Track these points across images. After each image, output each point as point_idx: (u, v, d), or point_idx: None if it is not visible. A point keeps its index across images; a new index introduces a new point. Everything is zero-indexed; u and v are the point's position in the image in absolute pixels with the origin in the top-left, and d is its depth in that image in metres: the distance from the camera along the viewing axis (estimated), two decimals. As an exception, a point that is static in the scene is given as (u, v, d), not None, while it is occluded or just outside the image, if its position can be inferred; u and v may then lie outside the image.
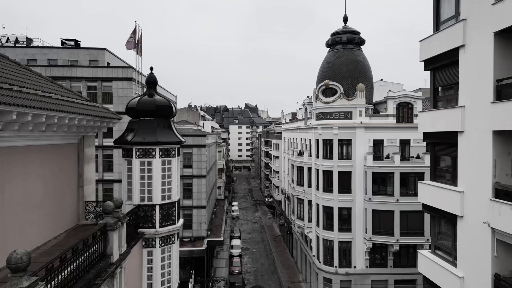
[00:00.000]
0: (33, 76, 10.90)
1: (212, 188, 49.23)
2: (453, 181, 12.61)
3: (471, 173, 11.46)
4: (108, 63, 37.93)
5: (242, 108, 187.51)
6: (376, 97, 42.60)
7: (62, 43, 56.43)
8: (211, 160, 47.23)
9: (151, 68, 12.64)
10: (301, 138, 45.43)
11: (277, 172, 65.92)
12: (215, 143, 57.02)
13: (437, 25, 14.03)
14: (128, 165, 11.51)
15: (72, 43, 57.25)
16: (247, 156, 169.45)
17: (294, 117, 78.97)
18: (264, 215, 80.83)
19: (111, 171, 33.82)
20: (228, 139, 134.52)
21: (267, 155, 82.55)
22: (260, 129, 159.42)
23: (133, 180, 11.30)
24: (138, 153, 11.26)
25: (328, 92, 36.05)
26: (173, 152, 11.77)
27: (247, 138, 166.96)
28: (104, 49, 38.48)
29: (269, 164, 78.43)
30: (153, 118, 11.55)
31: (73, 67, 33.61)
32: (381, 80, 60.28)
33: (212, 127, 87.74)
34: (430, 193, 14.10)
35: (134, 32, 33.77)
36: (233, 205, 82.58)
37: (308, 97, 43.66)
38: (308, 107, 40.96)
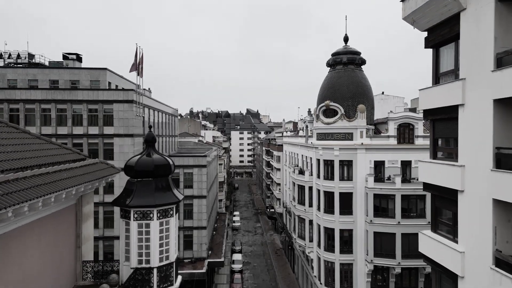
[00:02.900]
0: (30, 141, 10.88)
1: (213, 204, 49.15)
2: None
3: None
4: (109, 83, 38.03)
5: (244, 114, 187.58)
6: (377, 111, 42.44)
7: (64, 57, 56.72)
8: (212, 174, 47.18)
9: (150, 127, 12.63)
10: (302, 155, 45.34)
11: (279, 184, 65.81)
12: (216, 156, 56.99)
13: (437, 75, 13.97)
14: (126, 225, 11.47)
15: (74, 56, 57.59)
16: (248, 162, 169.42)
17: (295, 128, 78.99)
18: (266, 225, 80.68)
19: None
20: (230, 148, 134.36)
21: (268, 165, 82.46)
22: (261, 135, 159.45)
23: (130, 242, 11.26)
24: (136, 215, 11.22)
25: (329, 112, 36.00)
26: (171, 212, 11.72)
27: (248, 144, 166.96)
28: (106, 69, 38.57)
29: (270, 174, 78.33)
30: (151, 179, 11.51)
31: (74, 90, 33.66)
32: (382, 93, 60.24)
33: (213, 136, 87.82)
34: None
35: (136, 55, 34.02)
36: (234, 215, 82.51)
37: (308, 113, 43.60)
38: (309, 125, 40.89)
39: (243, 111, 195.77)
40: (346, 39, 37.86)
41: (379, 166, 35.43)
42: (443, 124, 13.42)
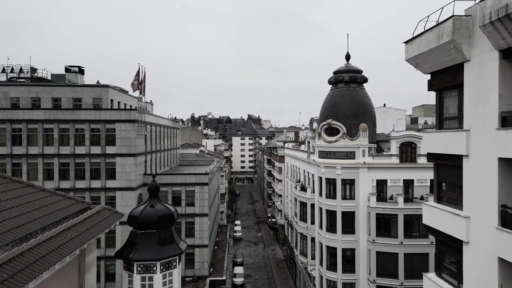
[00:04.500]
0: (34, 196, 10.87)
1: (214, 219, 49.08)
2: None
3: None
4: (112, 100, 38.09)
5: (245, 119, 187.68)
6: (379, 124, 42.18)
7: (67, 70, 56.93)
8: (213, 188, 47.05)
9: (153, 176, 12.61)
10: (304, 170, 45.28)
11: (280, 195, 65.72)
12: (218, 168, 56.98)
13: (440, 119, 13.93)
14: (129, 277, 11.46)
15: (76, 69, 57.80)
16: (249, 167, 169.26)
17: (296, 138, 79.03)
18: (267, 235, 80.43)
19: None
20: (231, 154, 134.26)
21: (270, 174, 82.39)
22: (262, 140, 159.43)
23: (134, 295, 11.22)
24: (139, 268, 11.21)
25: (331, 130, 35.98)
26: (174, 263, 11.70)
27: (249, 150, 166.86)
28: (108, 86, 38.65)
29: (272, 184, 78.27)
30: (154, 231, 11.49)
31: (77, 110, 33.71)
32: (384, 105, 60.25)
33: (214, 145, 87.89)
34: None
35: (138, 74, 34.10)
36: (235, 225, 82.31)
37: (310, 125, 43.57)
38: (311, 141, 40.86)
39: (244, 117, 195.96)
40: (348, 57, 37.88)
41: (381, 184, 35.36)
42: (447, 170, 13.36)
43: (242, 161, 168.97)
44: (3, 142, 33.33)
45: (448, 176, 13.48)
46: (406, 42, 14.58)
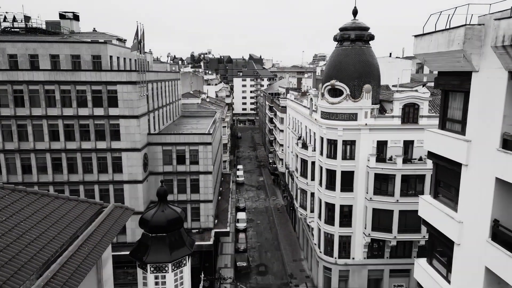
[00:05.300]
0: (50, 207, 11.44)
1: (218, 172, 50.52)
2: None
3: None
4: (111, 57, 37.15)
5: (246, 60, 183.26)
6: (384, 75, 40.88)
7: (61, 16, 54.77)
8: (216, 141, 47.48)
9: (162, 181, 13.06)
10: (306, 126, 45.59)
11: (281, 145, 66.75)
12: (220, 120, 57.29)
13: (444, 119, 13.99)
14: (143, 274, 12.47)
15: (71, 15, 55.60)
16: (251, 109, 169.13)
17: (299, 84, 78.03)
18: (268, 179, 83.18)
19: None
20: (232, 102, 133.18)
21: (271, 121, 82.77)
22: (264, 82, 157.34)
23: (148, 291, 12.31)
24: (152, 268, 12.17)
25: (334, 91, 35.64)
26: (184, 262, 12.65)
27: (251, 92, 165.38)
28: (106, 43, 37.52)
29: (273, 132, 79.03)
30: (165, 235, 12.25)
31: (77, 71, 33.15)
32: (390, 55, 58.81)
33: (216, 92, 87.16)
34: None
35: (137, 33, 33.01)
36: (238, 169, 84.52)
37: (313, 89, 43.03)
38: (314, 99, 40.61)
39: (245, 56, 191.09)
40: (355, 13, 36.18)
41: (381, 145, 35.92)
42: (446, 171, 13.76)
43: (244, 103, 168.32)
44: (6, 103, 33.32)
45: (446, 177, 13.93)
46: (416, 36, 14.13)
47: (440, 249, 14.48)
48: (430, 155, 14.40)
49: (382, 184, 35.33)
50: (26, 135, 33.94)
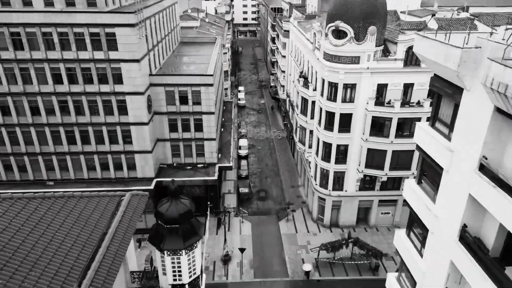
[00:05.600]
0: (78, 209, 13.09)
1: (220, 97, 51.35)
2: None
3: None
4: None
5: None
6: (390, 4, 38.89)
7: None
8: (217, 68, 47.04)
9: (172, 181, 14.44)
10: (308, 61, 45.08)
11: (283, 72, 66.13)
12: (221, 46, 56.07)
13: (434, 117, 14.78)
14: (161, 255, 14.72)
15: None
16: (252, 19, 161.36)
17: (303, 3, 73.81)
18: (269, 101, 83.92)
19: None
20: (233, 18, 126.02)
21: (274, 41, 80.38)
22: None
23: (166, 268, 14.72)
24: (168, 252, 14.35)
25: (338, 32, 34.69)
26: (195, 245, 14.78)
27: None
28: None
29: (275, 53, 77.34)
30: (178, 226, 14.13)
31: (73, 12, 31.98)
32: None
33: (215, 8, 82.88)
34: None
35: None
36: (239, 91, 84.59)
37: (317, 23, 41.41)
38: (317, 34, 39.56)
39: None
40: None
41: (381, 88, 36.32)
42: (430, 167, 15.04)
43: (245, 12, 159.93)
44: (5, 46, 32.90)
45: (430, 171, 15.24)
46: (417, 34, 14.18)
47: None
48: (418, 148, 15.54)
49: (379, 126, 36.50)
50: (30, 78, 34.18)
